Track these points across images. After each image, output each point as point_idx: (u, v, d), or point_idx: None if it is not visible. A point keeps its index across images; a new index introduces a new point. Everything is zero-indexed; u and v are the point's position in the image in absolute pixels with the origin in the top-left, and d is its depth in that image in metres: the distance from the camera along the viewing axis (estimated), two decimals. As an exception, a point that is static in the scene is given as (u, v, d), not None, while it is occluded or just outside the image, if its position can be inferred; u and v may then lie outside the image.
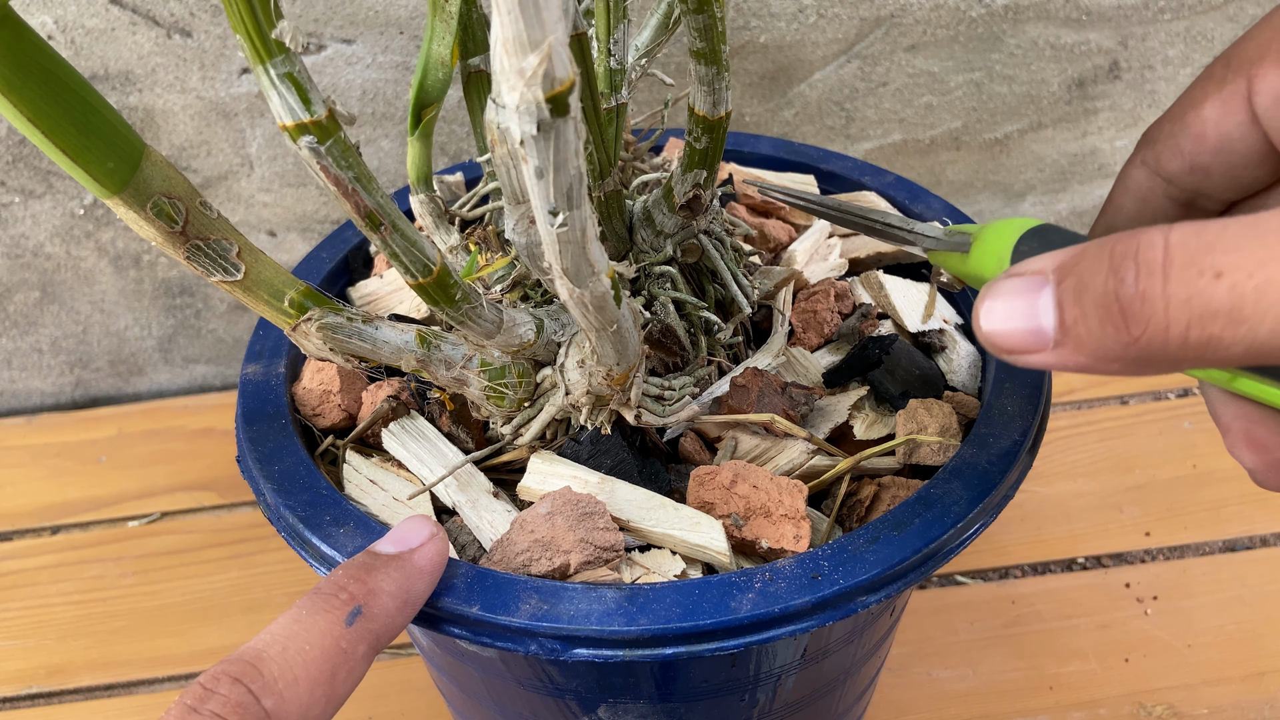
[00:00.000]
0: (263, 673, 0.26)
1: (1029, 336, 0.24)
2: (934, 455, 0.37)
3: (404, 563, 0.30)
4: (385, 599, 0.29)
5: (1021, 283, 0.24)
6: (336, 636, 0.28)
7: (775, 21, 0.65)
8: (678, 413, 0.37)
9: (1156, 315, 0.21)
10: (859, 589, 0.31)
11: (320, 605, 0.28)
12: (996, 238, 0.30)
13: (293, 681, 0.26)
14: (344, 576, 0.29)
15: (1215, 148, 0.29)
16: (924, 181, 0.73)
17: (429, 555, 0.31)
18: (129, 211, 0.28)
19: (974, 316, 0.25)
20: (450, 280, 0.31)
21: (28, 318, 0.73)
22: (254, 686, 0.26)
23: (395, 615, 0.29)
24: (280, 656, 0.27)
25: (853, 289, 0.45)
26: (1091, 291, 0.22)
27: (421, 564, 0.30)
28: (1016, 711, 0.51)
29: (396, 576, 0.29)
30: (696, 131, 0.34)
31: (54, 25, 0.61)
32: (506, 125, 0.22)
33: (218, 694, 0.25)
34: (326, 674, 0.27)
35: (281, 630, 0.27)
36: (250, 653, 0.27)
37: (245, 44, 0.25)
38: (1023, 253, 0.29)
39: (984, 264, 0.31)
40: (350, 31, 0.63)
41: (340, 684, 0.27)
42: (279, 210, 0.70)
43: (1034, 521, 0.59)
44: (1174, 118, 0.30)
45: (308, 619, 0.28)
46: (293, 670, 0.27)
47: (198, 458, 0.68)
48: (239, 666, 0.26)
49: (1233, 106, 0.28)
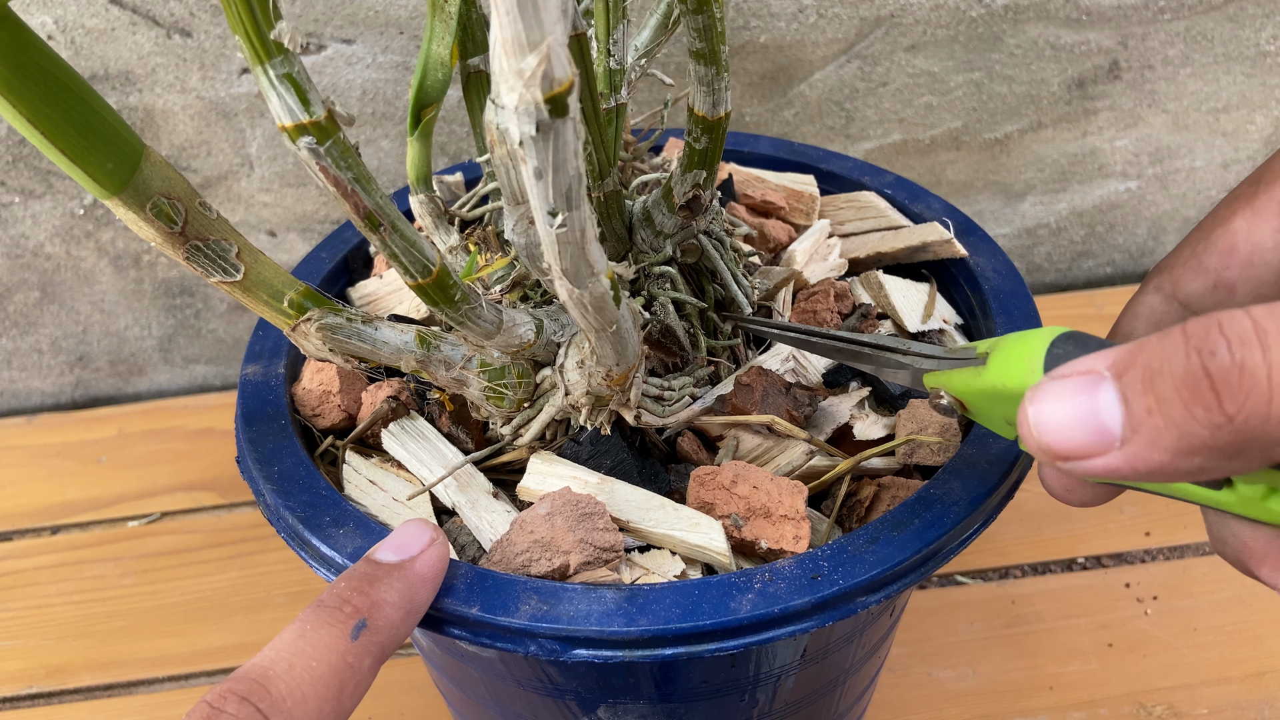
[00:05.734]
0: (270, 691, 0.26)
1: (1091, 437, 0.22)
2: (934, 455, 0.37)
3: (406, 571, 0.30)
4: (389, 610, 0.29)
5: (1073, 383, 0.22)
6: (343, 651, 0.27)
7: (775, 21, 0.65)
8: (677, 413, 0.37)
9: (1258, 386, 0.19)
10: (859, 589, 0.31)
11: (325, 619, 0.28)
12: (1021, 346, 0.28)
13: (301, 699, 0.26)
14: (346, 589, 0.29)
15: (1245, 260, 0.28)
16: (924, 181, 0.73)
17: (430, 562, 0.30)
18: (128, 212, 0.28)
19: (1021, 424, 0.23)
20: (450, 281, 0.31)
21: (28, 318, 0.73)
22: (262, 705, 0.26)
23: (399, 625, 0.29)
24: (287, 674, 0.26)
25: (852, 289, 0.45)
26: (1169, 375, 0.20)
27: (423, 571, 0.30)
28: (1016, 711, 0.51)
29: (399, 586, 0.29)
30: (696, 131, 0.34)
31: (54, 25, 0.61)
32: (506, 126, 0.22)
33: (226, 713, 0.25)
34: (334, 690, 0.27)
35: (287, 647, 0.27)
36: (256, 670, 0.26)
37: (244, 44, 0.25)
38: (1058, 356, 0.26)
39: (1009, 374, 0.28)
40: (350, 31, 0.63)
41: (347, 699, 0.27)
42: (279, 210, 0.70)
43: (1034, 521, 0.59)
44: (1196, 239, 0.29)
45: (313, 634, 0.27)
46: (300, 688, 0.26)
47: (198, 458, 0.69)
48: (246, 685, 0.26)
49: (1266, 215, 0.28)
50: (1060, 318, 0.72)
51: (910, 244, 0.45)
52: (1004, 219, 0.76)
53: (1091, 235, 0.78)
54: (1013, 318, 0.40)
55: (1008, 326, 0.40)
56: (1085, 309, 0.73)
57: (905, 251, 0.45)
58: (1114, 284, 0.80)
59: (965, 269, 0.43)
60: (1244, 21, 0.68)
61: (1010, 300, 0.41)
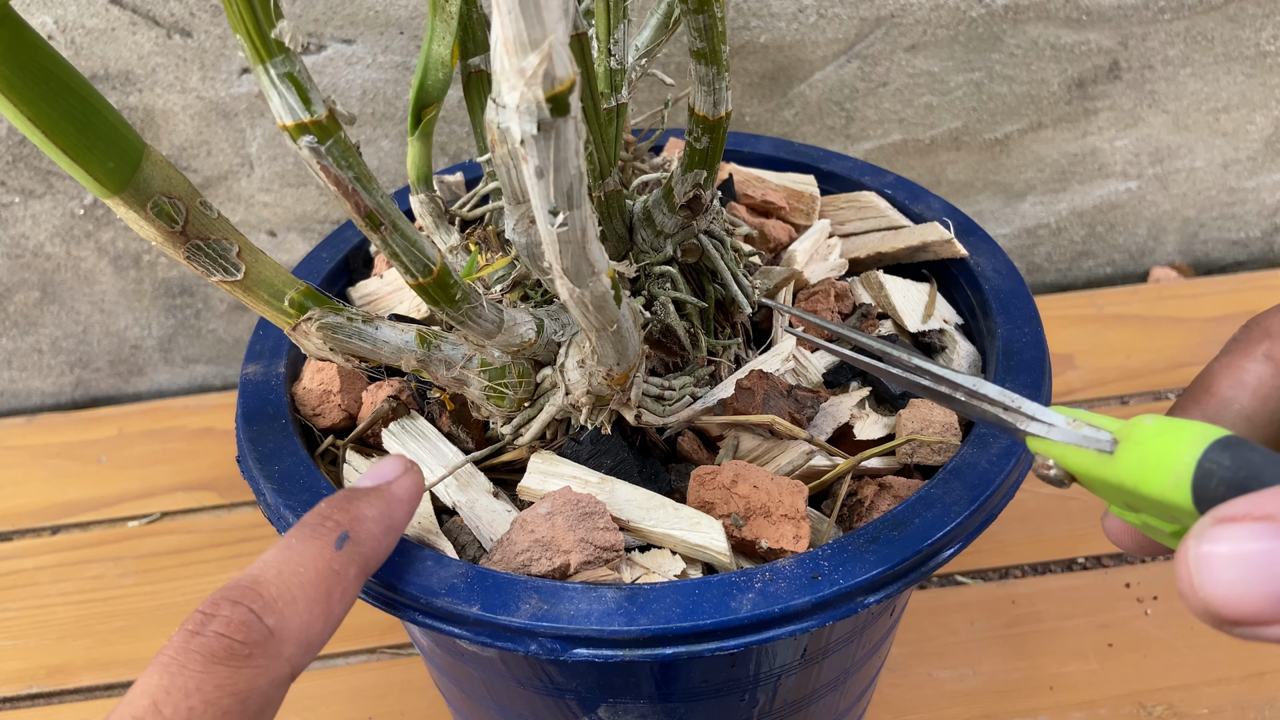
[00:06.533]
0: (262, 594, 0.27)
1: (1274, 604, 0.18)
2: (934, 455, 0.37)
3: (383, 492, 0.31)
4: (370, 524, 0.30)
5: (1247, 529, 0.19)
6: (328, 559, 0.28)
7: (775, 21, 0.65)
8: (678, 413, 0.37)
9: None
10: (859, 589, 0.31)
11: (309, 534, 0.29)
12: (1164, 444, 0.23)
13: (291, 600, 0.27)
14: (327, 508, 0.30)
15: None
16: (924, 181, 0.73)
17: (406, 485, 0.32)
18: (129, 211, 0.28)
19: (1180, 574, 0.20)
20: (450, 280, 0.31)
21: (28, 318, 0.73)
22: (255, 606, 0.26)
23: (380, 539, 0.30)
24: (277, 579, 0.27)
25: (853, 289, 0.45)
26: None
27: (399, 493, 0.32)
28: (1016, 711, 0.51)
29: (378, 504, 0.31)
30: (696, 131, 0.34)
31: (54, 25, 0.61)
32: (507, 125, 0.22)
33: (219, 616, 0.26)
34: (323, 593, 0.28)
35: (274, 558, 0.28)
36: (247, 578, 0.27)
37: (245, 44, 0.25)
38: (1211, 472, 0.22)
39: (1146, 478, 0.24)
40: (350, 31, 0.63)
41: (336, 603, 0.28)
42: (279, 210, 0.70)
43: (1034, 521, 0.59)
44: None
45: (299, 546, 0.28)
46: (290, 590, 0.27)
47: (198, 458, 0.68)
48: (238, 590, 0.27)
49: None
50: (1060, 318, 0.72)
51: (910, 244, 0.45)
52: (1004, 219, 0.76)
53: (1091, 235, 0.78)
54: (1013, 318, 0.40)
55: (1008, 326, 0.40)
56: (1085, 309, 0.74)
57: (905, 251, 0.45)
58: (1114, 284, 0.80)
59: (965, 269, 0.44)
60: (1244, 21, 0.68)
61: (1010, 300, 0.41)
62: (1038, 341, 0.39)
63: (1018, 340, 0.39)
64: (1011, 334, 0.39)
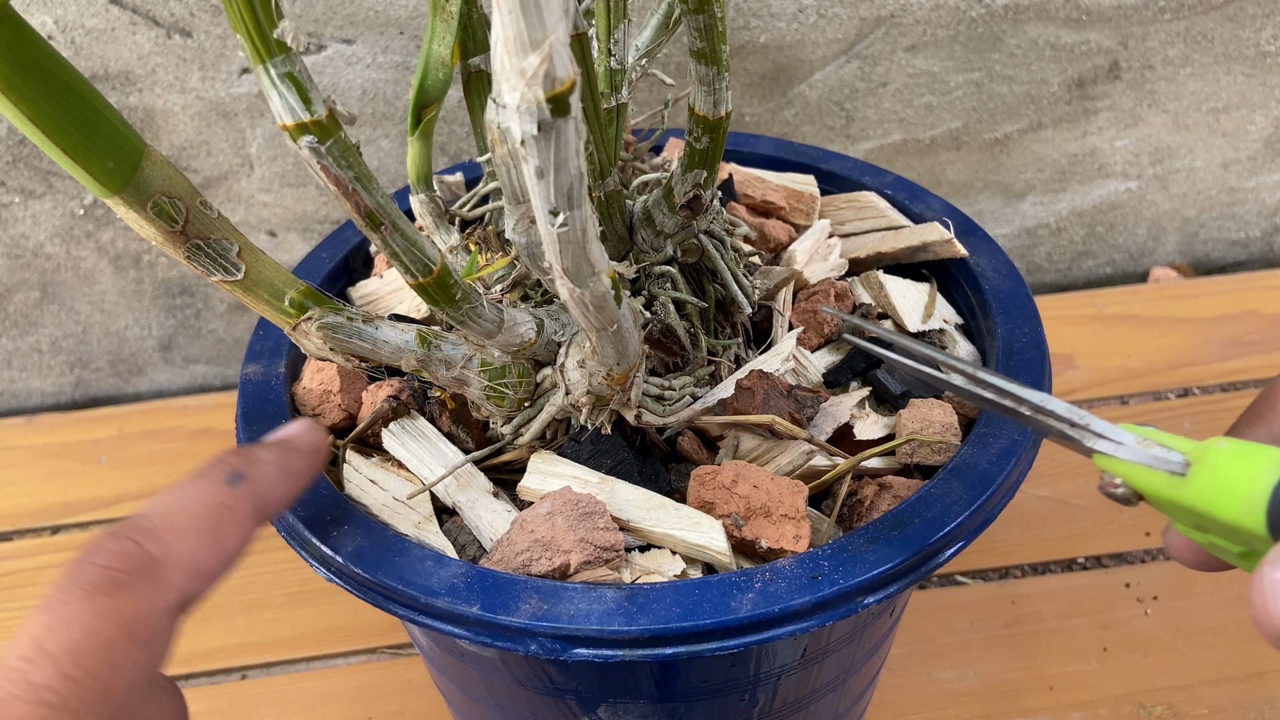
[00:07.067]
0: (145, 526, 0.27)
1: None
2: (934, 455, 0.37)
3: (281, 441, 0.32)
4: (265, 466, 0.30)
5: None
6: (219, 494, 0.28)
7: (775, 21, 0.65)
8: (678, 413, 0.37)
9: None
10: (859, 589, 0.31)
11: (198, 474, 0.29)
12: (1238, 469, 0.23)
13: (175, 529, 0.27)
14: (223, 454, 0.30)
15: None
16: (924, 181, 0.73)
17: (307, 438, 0.32)
18: (129, 211, 0.28)
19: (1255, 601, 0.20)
20: (450, 280, 0.31)
21: (28, 318, 0.73)
22: (136, 536, 0.26)
23: (277, 481, 0.30)
24: (163, 513, 0.27)
25: (853, 289, 0.45)
26: None
27: (298, 442, 0.32)
28: (1016, 711, 0.51)
29: (274, 450, 0.31)
30: (696, 131, 0.34)
31: (54, 25, 0.61)
32: (507, 125, 0.22)
33: (103, 549, 0.26)
34: (210, 524, 0.28)
35: (162, 497, 0.28)
36: (133, 516, 0.27)
37: (246, 44, 0.25)
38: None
39: (1220, 503, 0.24)
40: (350, 31, 0.63)
41: (227, 536, 0.28)
42: (279, 210, 0.70)
43: (1034, 521, 0.59)
44: None
45: (189, 485, 0.29)
46: (174, 520, 0.27)
47: (198, 458, 0.68)
48: (120, 526, 0.27)
49: None
50: (1060, 318, 0.72)
51: (910, 244, 0.45)
52: (1004, 219, 0.76)
53: (1091, 235, 0.78)
54: (1013, 318, 0.40)
55: (1008, 326, 0.40)
56: (1085, 309, 0.74)
57: (905, 251, 0.45)
58: (1114, 284, 0.81)
59: (965, 269, 0.44)
60: (1244, 21, 0.68)
61: (1010, 300, 0.41)
62: (1038, 341, 0.39)
63: (1018, 340, 0.39)
64: (1011, 334, 0.39)
